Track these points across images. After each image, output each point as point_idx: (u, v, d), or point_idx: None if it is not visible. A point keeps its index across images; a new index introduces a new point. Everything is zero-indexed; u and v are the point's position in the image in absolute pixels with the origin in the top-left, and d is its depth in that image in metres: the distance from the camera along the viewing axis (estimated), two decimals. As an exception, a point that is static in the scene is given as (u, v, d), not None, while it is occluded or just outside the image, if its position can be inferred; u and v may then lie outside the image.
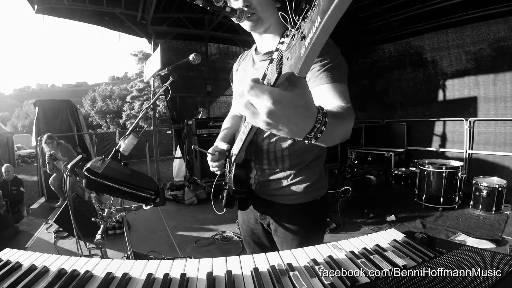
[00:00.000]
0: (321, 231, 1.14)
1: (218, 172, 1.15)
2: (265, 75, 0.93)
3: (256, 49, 1.13)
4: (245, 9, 0.96)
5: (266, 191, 1.09)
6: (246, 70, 1.13)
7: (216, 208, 1.28)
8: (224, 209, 1.18)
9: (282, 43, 0.93)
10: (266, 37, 1.06)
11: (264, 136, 1.05)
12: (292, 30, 0.45)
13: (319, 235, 1.13)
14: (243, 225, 1.27)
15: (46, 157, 4.40)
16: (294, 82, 0.51)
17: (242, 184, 1.04)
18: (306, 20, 0.40)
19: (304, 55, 0.40)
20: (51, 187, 4.65)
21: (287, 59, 0.46)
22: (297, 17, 0.44)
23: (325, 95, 0.83)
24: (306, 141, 0.53)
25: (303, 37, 0.40)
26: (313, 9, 0.38)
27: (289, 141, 1.01)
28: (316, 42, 0.38)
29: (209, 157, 1.12)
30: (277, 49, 0.90)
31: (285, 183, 1.06)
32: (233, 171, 1.02)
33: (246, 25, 1.01)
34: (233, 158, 1.05)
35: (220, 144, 1.14)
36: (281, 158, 1.05)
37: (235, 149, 1.02)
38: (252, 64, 1.11)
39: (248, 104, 0.49)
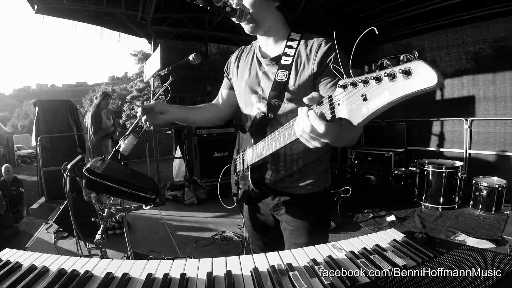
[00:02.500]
0: (328, 219, 1.27)
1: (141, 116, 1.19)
2: (275, 81, 1.02)
3: (259, 48, 1.14)
4: (244, 9, 0.97)
5: (281, 185, 1.14)
6: (252, 71, 1.14)
7: (220, 206, 1.31)
8: (235, 204, 1.25)
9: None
10: (270, 39, 1.09)
11: None
12: (346, 80, 0.54)
13: (327, 222, 1.26)
14: (251, 220, 1.29)
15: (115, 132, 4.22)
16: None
17: (261, 184, 1.09)
18: (368, 83, 0.49)
19: (365, 115, 0.50)
20: (89, 145, 4.28)
21: (338, 104, 0.56)
22: (352, 71, 0.53)
23: None
24: None
25: (365, 99, 0.50)
26: (378, 82, 0.47)
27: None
28: (379, 111, 0.49)
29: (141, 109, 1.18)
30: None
31: (298, 177, 1.11)
32: (249, 175, 1.07)
33: (245, 28, 1.04)
34: (247, 162, 1.10)
35: (167, 107, 1.22)
36: (296, 159, 1.10)
37: (251, 156, 1.06)
38: (258, 66, 1.12)
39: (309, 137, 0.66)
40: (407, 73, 0.43)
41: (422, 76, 0.42)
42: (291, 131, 0.75)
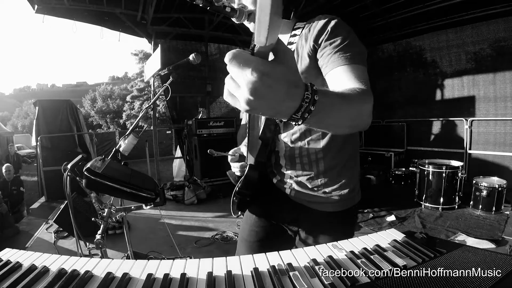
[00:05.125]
0: (351, 237, 1.08)
1: (239, 173, 1.11)
2: None
3: None
4: (244, 9, 0.96)
5: (302, 196, 1.02)
6: None
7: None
8: (239, 213, 1.13)
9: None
10: None
11: (295, 138, 0.99)
12: None
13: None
14: (250, 225, 1.17)
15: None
16: (281, 57, 0.45)
17: (250, 186, 1.00)
18: None
19: (256, 21, 0.35)
20: None
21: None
22: None
23: (338, 78, 0.75)
24: (293, 123, 0.48)
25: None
26: None
27: (323, 143, 0.96)
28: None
29: (229, 158, 1.11)
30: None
31: (324, 188, 0.99)
32: (245, 172, 1.00)
33: (249, 26, 1.01)
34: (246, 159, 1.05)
35: (242, 147, 1.13)
36: (316, 161, 0.98)
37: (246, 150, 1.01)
38: None
39: (228, 79, 0.42)
40: None
41: None
42: None
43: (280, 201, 1.08)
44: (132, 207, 1.40)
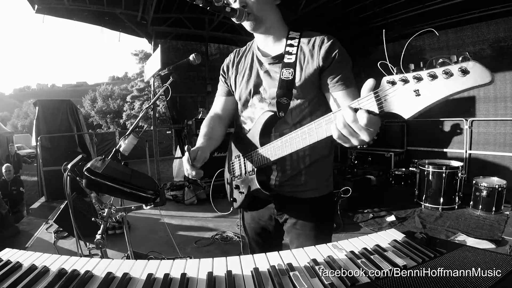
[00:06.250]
0: (332, 223, 1.24)
1: (195, 178, 1.11)
2: (281, 80, 1.02)
3: (258, 48, 1.12)
4: (244, 9, 0.97)
5: (286, 188, 1.11)
6: (253, 71, 1.11)
7: (217, 208, 1.31)
8: (231, 209, 1.22)
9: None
10: (269, 38, 1.08)
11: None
12: (393, 75, 0.61)
13: (331, 226, 1.23)
14: (252, 223, 1.26)
15: None
16: None
17: (268, 187, 1.07)
18: (421, 80, 0.55)
19: (419, 109, 0.56)
20: None
21: (385, 100, 0.61)
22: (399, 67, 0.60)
23: (342, 99, 0.99)
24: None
25: (418, 94, 0.56)
26: (433, 79, 0.53)
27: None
28: (432, 105, 0.55)
29: (189, 166, 1.07)
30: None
31: (304, 179, 1.10)
32: (255, 178, 1.04)
33: (246, 25, 1.03)
34: (252, 164, 1.07)
35: (205, 153, 1.14)
36: (303, 157, 1.08)
37: (259, 157, 1.02)
38: (259, 65, 1.11)
39: (346, 127, 0.67)
40: (464, 71, 0.50)
41: (478, 75, 0.49)
42: (322, 129, 0.77)
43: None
44: (132, 207, 1.40)
